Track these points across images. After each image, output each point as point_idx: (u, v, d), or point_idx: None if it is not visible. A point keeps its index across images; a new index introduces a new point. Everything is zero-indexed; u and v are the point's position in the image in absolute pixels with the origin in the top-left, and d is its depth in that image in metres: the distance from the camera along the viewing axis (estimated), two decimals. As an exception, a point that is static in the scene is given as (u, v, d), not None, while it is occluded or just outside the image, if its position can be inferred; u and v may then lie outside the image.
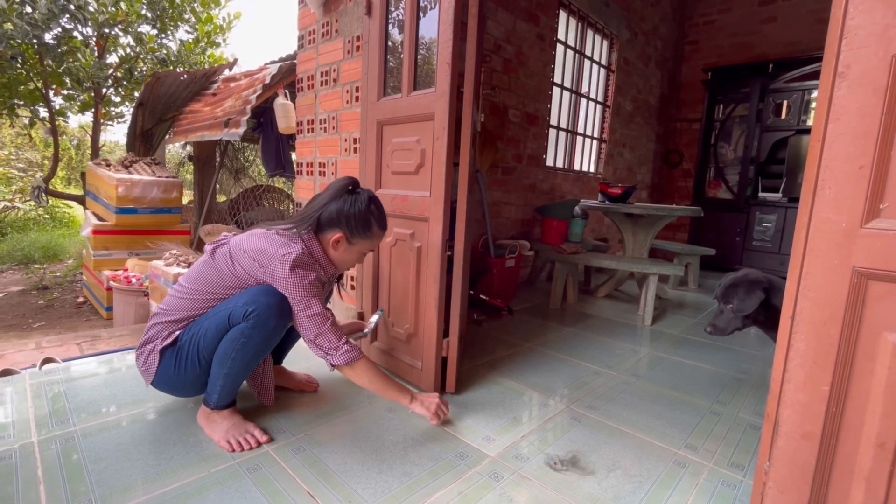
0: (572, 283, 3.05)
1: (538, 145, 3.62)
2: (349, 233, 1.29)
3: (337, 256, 1.34)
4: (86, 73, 4.81)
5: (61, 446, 1.17)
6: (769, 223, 4.43)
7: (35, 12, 4.14)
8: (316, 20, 2.03)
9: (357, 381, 1.27)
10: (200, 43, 5.82)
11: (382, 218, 1.36)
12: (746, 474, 1.21)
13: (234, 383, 1.25)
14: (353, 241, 1.31)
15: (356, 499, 1.04)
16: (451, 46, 1.38)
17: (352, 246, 1.32)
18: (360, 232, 1.30)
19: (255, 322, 1.16)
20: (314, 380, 1.61)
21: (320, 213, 1.29)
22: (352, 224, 1.29)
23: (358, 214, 1.28)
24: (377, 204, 1.34)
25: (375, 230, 1.33)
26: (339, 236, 1.29)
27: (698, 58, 5.22)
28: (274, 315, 1.18)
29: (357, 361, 1.23)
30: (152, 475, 1.07)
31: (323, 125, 2.05)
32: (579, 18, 3.86)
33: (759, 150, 4.52)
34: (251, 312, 1.16)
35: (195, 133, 4.05)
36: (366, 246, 1.35)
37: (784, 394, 0.85)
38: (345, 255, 1.34)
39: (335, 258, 1.34)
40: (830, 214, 0.77)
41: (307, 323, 1.20)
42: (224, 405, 1.27)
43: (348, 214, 1.28)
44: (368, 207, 1.30)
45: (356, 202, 1.29)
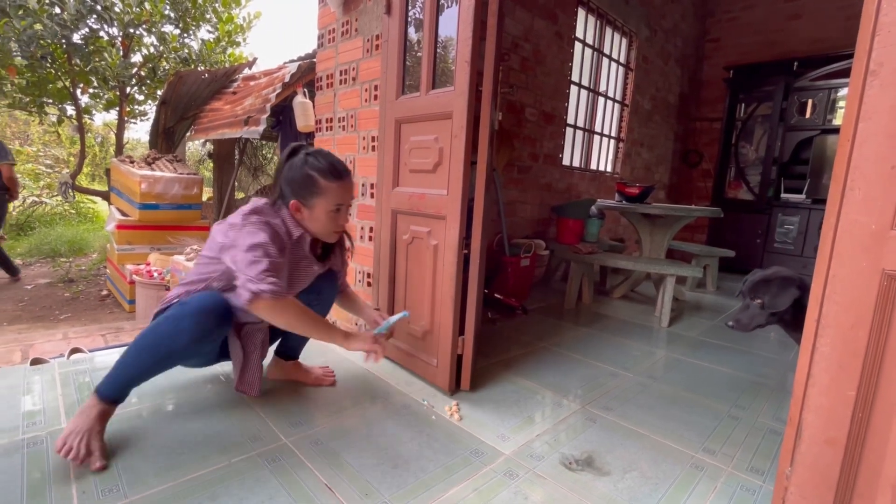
0: (588, 283, 3.02)
1: (555, 144, 3.60)
2: (300, 197, 1.25)
3: (309, 224, 1.29)
4: (111, 72, 4.94)
5: (89, 433, 1.21)
6: (792, 225, 4.32)
7: (64, 13, 4.26)
8: (336, 19, 2.05)
9: (280, 317, 1.16)
10: (221, 42, 5.92)
11: (329, 167, 1.25)
12: (766, 479, 1.19)
13: (125, 375, 1.13)
14: (308, 204, 1.26)
15: (372, 492, 1.05)
16: (470, 45, 1.39)
17: (312, 210, 1.26)
18: (308, 191, 1.24)
19: (174, 311, 1.14)
20: (331, 373, 1.64)
21: (280, 189, 1.27)
22: (297, 187, 1.25)
23: (299, 176, 1.24)
24: (318, 155, 1.26)
25: (323, 182, 1.24)
26: (293, 203, 1.25)
27: (720, 55, 5.11)
28: (192, 313, 1.12)
29: (284, 297, 1.14)
30: (175, 464, 1.11)
31: (342, 123, 2.07)
32: (598, 16, 3.82)
33: (782, 149, 4.41)
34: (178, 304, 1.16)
35: (216, 131, 4.13)
36: (325, 203, 1.26)
37: (808, 398, 0.83)
38: (313, 222, 1.29)
39: (309, 227, 1.30)
40: (859, 216, 0.75)
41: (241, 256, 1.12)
42: (108, 395, 1.13)
43: (291, 179, 1.25)
44: (306, 163, 1.24)
45: (293, 164, 1.25)
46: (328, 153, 1.29)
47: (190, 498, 0.99)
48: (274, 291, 1.11)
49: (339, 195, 1.27)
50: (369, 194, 1.92)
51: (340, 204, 1.29)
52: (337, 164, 1.27)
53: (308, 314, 1.20)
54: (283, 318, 1.17)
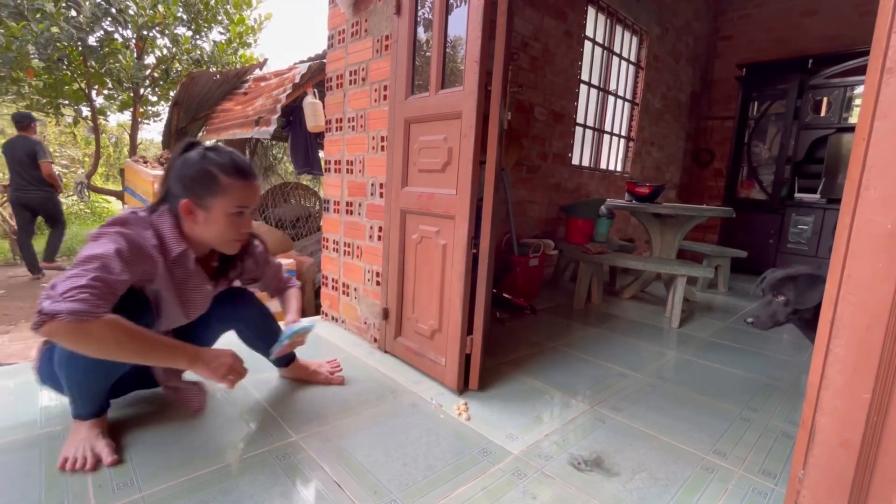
0: (597, 283, 3.01)
1: (564, 143, 3.58)
2: (195, 196, 1.08)
3: (203, 230, 1.12)
4: (126, 74, 5.02)
5: (104, 428, 1.23)
6: (806, 225, 4.25)
7: (80, 16, 4.34)
8: (346, 20, 2.06)
9: (85, 345, 0.90)
10: (233, 43, 5.98)
11: (232, 163, 1.10)
12: (779, 482, 1.18)
13: (80, 390, 1.08)
14: (204, 204, 1.09)
15: (381, 490, 1.06)
16: (479, 45, 1.39)
17: (209, 211, 1.09)
18: (205, 189, 1.08)
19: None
20: (338, 368, 1.66)
21: (167, 187, 1.11)
22: (190, 184, 1.08)
23: (194, 171, 1.08)
24: (219, 151, 1.11)
25: (224, 179, 1.08)
26: (184, 203, 1.08)
27: (732, 53, 5.05)
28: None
29: (92, 320, 0.88)
30: (188, 459, 1.12)
31: (351, 123, 2.08)
32: (608, 14, 3.79)
33: (796, 148, 4.34)
34: None
35: (227, 131, 4.17)
36: (225, 204, 1.09)
37: (821, 400, 0.82)
38: (209, 226, 1.11)
39: (203, 233, 1.12)
40: (875, 216, 0.74)
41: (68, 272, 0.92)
42: (83, 415, 1.11)
43: (184, 175, 1.08)
44: (204, 157, 1.09)
45: (189, 159, 1.09)
46: (232, 150, 1.15)
47: (202, 492, 1.01)
48: (76, 311, 0.85)
49: (241, 196, 1.11)
50: (378, 194, 1.93)
51: (243, 207, 1.13)
52: (241, 162, 1.12)
53: (133, 337, 0.95)
54: (93, 345, 0.91)
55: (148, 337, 0.98)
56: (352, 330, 2.18)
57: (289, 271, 3.32)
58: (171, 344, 1.04)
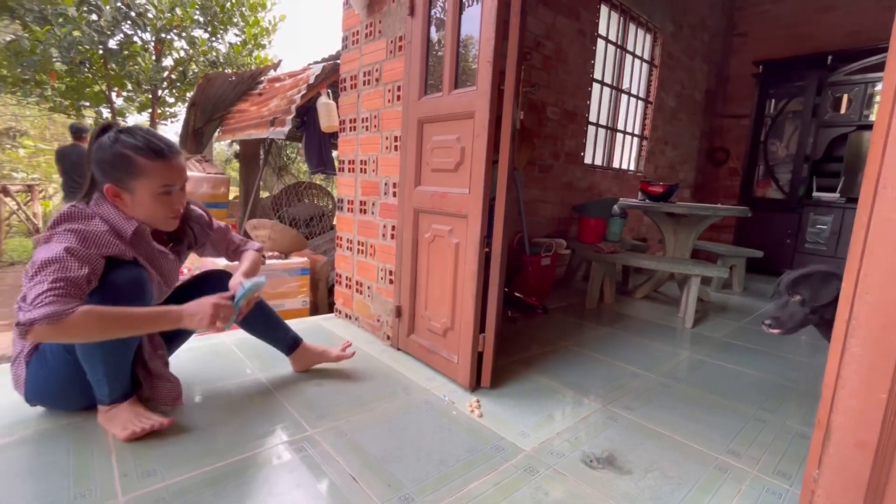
0: (609, 283, 2.99)
1: (576, 143, 3.57)
2: (115, 180, 1.10)
3: (133, 211, 1.14)
4: (144, 76, 5.13)
5: (128, 420, 1.27)
6: (824, 225, 4.17)
7: (101, 20, 4.45)
8: (360, 21, 2.09)
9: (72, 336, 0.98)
10: (248, 45, 6.07)
11: (146, 143, 1.10)
12: (793, 483, 1.17)
13: (114, 371, 1.15)
14: (126, 187, 1.10)
15: (395, 483, 1.08)
16: (492, 45, 1.40)
17: (133, 194, 1.11)
18: (124, 172, 1.09)
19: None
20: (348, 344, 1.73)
21: (91, 174, 1.12)
22: (108, 168, 1.09)
23: (109, 155, 1.09)
24: (131, 132, 1.10)
25: (141, 160, 1.09)
26: (108, 188, 1.10)
27: (748, 50, 4.97)
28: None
29: (69, 315, 0.93)
30: (208, 451, 1.16)
31: (365, 123, 2.11)
32: (621, 12, 3.77)
33: (814, 146, 4.26)
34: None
35: (242, 132, 4.24)
36: (148, 185, 1.11)
37: (837, 400, 0.82)
38: (138, 207, 1.13)
39: (136, 214, 1.14)
40: (892, 214, 0.74)
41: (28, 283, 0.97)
42: (118, 397, 1.19)
43: (100, 160, 1.10)
44: (116, 140, 1.09)
45: (102, 144, 1.10)
46: (147, 130, 1.14)
47: (222, 483, 1.04)
48: (47, 315, 0.91)
49: (163, 175, 1.12)
50: (391, 193, 1.95)
51: (169, 184, 1.14)
52: (155, 141, 1.12)
53: (113, 315, 1.01)
54: (79, 336, 0.99)
55: (127, 312, 1.03)
56: (365, 327, 2.20)
57: (302, 269, 3.37)
58: (154, 310, 1.09)
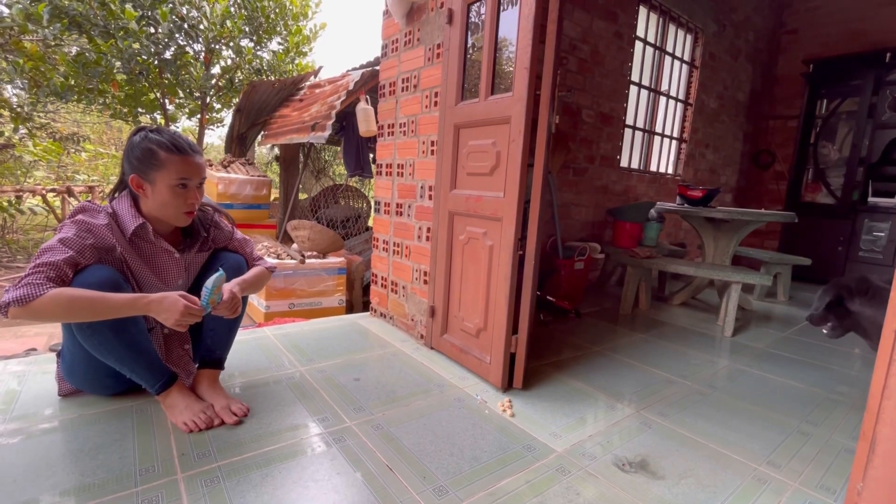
0: (645, 288, 2.94)
1: (612, 146, 3.53)
2: (140, 171, 1.22)
3: (152, 203, 1.24)
4: (195, 84, 5.43)
5: (184, 405, 1.37)
6: (881, 232, 3.93)
7: (158, 32, 4.76)
8: (399, 30, 2.16)
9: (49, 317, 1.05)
10: (290, 53, 6.32)
11: (170, 140, 1.22)
12: (838, 499, 1.13)
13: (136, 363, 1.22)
14: (148, 178, 1.22)
15: (430, 475, 1.12)
16: (529, 51, 1.43)
17: (153, 185, 1.22)
18: (147, 164, 1.21)
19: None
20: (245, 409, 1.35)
21: (122, 171, 1.26)
22: (136, 162, 1.21)
23: (138, 150, 1.21)
24: (160, 131, 1.24)
25: (163, 154, 1.20)
26: (133, 178, 1.22)
27: (798, 49, 4.75)
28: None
29: (37, 298, 1.01)
30: (255, 436, 1.24)
31: (402, 129, 2.17)
32: (661, 13, 3.69)
33: (870, 149, 4.02)
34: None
35: (284, 136, 4.42)
36: (167, 177, 1.21)
37: (883, 411, 0.80)
38: (156, 198, 1.23)
39: (153, 206, 1.25)
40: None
41: None
42: (160, 387, 1.27)
43: (130, 156, 1.22)
44: (146, 138, 1.22)
45: (133, 142, 1.23)
46: (174, 131, 1.27)
47: (268, 467, 1.11)
48: (16, 298, 1.00)
49: (181, 169, 1.22)
50: (427, 196, 2.00)
51: (185, 179, 1.23)
52: (179, 139, 1.24)
53: (81, 298, 1.05)
54: (48, 317, 1.05)
55: (97, 296, 1.07)
56: (399, 326, 2.27)
57: (339, 269, 3.48)
58: (123, 297, 1.11)
